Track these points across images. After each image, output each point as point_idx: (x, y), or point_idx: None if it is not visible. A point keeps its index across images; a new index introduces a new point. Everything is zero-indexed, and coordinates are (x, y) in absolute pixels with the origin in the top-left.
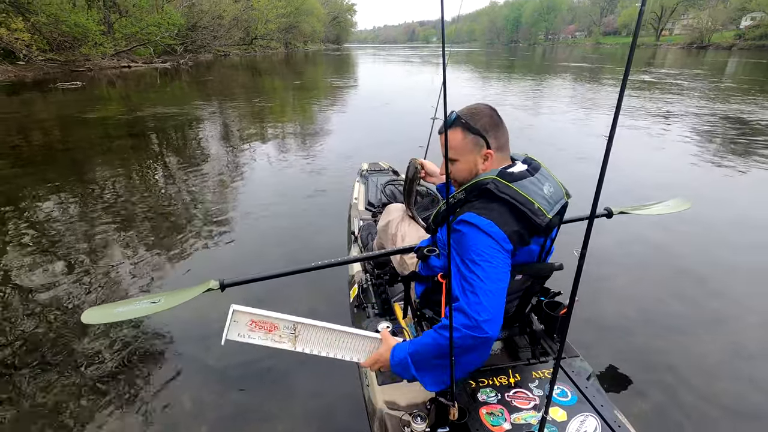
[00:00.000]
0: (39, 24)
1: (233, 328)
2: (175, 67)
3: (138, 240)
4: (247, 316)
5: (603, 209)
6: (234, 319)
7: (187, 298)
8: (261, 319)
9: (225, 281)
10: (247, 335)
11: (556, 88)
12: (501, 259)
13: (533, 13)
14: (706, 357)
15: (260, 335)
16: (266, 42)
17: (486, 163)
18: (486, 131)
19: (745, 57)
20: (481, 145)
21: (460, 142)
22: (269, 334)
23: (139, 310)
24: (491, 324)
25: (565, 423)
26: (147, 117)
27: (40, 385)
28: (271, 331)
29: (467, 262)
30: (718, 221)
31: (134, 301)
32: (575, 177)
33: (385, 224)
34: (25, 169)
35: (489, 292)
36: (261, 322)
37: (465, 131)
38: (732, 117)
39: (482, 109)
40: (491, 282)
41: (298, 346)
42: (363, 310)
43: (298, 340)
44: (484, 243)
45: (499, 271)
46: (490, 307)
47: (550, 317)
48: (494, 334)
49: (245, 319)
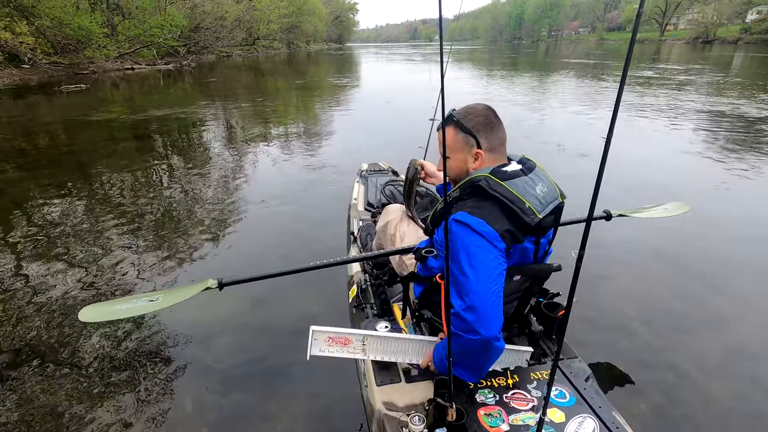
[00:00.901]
0: (43, 27)
1: (314, 345)
2: (178, 69)
3: (141, 240)
4: (324, 334)
5: (602, 211)
6: (314, 338)
7: (185, 296)
8: (336, 335)
9: (223, 280)
10: (327, 350)
11: (558, 85)
12: (493, 258)
13: (536, 9)
14: (707, 357)
15: (337, 348)
16: (269, 42)
17: (476, 162)
18: (478, 131)
19: (751, 51)
20: (471, 144)
21: (451, 139)
22: (344, 347)
23: (137, 308)
24: (484, 325)
25: (563, 424)
26: (151, 119)
27: (40, 386)
28: (346, 345)
29: (460, 263)
30: (721, 218)
31: (132, 299)
32: (576, 174)
33: (383, 225)
34: (31, 171)
35: (479, 294)
36: (336, 337)
37: (457, 129)
38: (736, 113)
39: (478, 110)
40: (481, 284)
41: (370, 355)
42: (362, 310)
43: (368, 349)
44: (474, 243)
45: (490, 272)
46: (480, 308)
47: (548, 318)
48: (489, 334)
49: (323, 337)
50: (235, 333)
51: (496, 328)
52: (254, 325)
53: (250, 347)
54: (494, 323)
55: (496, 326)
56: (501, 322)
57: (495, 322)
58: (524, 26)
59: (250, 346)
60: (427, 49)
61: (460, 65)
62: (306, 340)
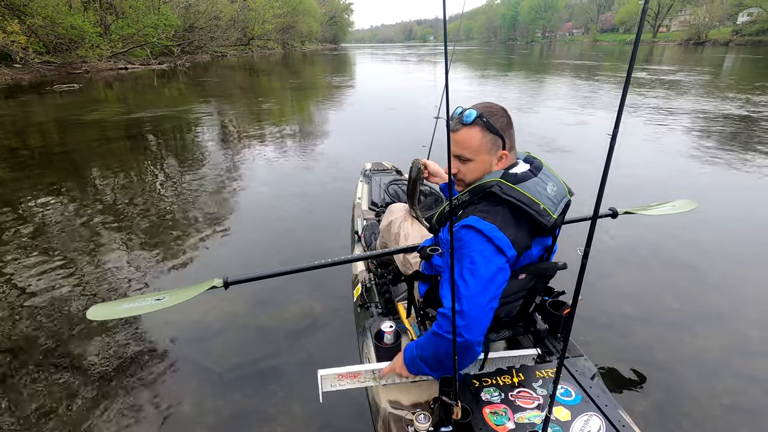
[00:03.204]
0: (35, 26)
1: (325, 383)
2: (173, 69)
3: (137, 241)
4: (333, 375)
5: (608, 209)
6: (323, 380)
7: (191, 295)
8: (345, 372)
9: (229, 279)
10: (338, 384)
11: (554, 86)
12: (496, 270)
13: (530, 10)
14: (708, 354)
15: (348, 381)
16: (263, 42)
17: (500, 164)
18: (504, 131)
19: (741, 53)
20: (498, 146)
21: (478, 141)
22: (355, 380)
23: (143, 307)
24: (470, 330)
25: (569, 422)
26: (145, 119)
27: (39, 387)
28: (356, 377)
29: (461, 268)
30: (721, 219)
31: (139, 298)
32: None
33: (387, 224)
34: (24, 171)
35: (472, 303)
36: (346, 374)
37: (485, 130)
38: (730, 113)
39: (498, 109)
40: (477, 290)
41: (381, 381)
42: (366, 309)
43: (378, 378)
44: (482, 250)
45: (489, 284)
46: (470, 314)
47: (553, 317)
48: (473, 338)
49: (332, 375)
50: (235, 333)
51: (480, 333)
52: (255, 325)
53: (252, 347)
54: (480, 329)
55: (481, 332)
56: (486, 327)
57: (481, 329)
58: (518, 27)
59: (251, 346)
60: (422, 50)
61: (455, 66)
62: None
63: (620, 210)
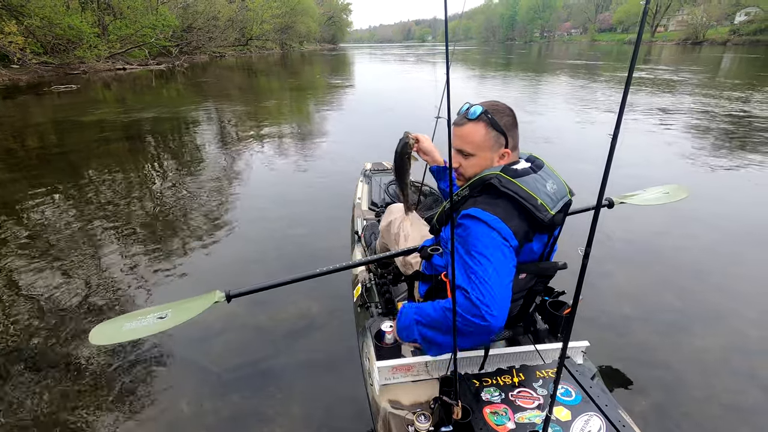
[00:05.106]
0: (33, 27)
1: (381, 376)
2: (171, 69)
3: (135, 245)
4: (387, 367)
5: (604, 200)
6: (379, 372)
7: (194, 313)
8: (399, 364)
9: (231, 292)
10: (392, 378)
11: (553, 85)
12: (506, 254)
13: (528, 10)
14: (708, 353)
15: (402, 374)
16: (262, 42)
17: (501, 161)
18: (508, 129)
19: (739, 52)
20: (501, 143)
21: (482, 137)
22: (409, 372)
23: (147, 328)
24: (495, 313)
25: (570, 422)
26: (143, 119)
27: (37, 389)
28: (410, 370)
29: (474, 254)
30: (719, 217)
31: (140, 314)
32: (575, 176)
33: (387, 224)
34: (22, 173)
35: (496, 283)
36: (399, 366)
37: (489, 127)
38: (727, 112)
39: (504, 107)
40: (497, 274)
41: (432, 373)
42: (366, 309)
43: (431, 369)
44: (490, 237)
45: (505, 265)
46: (496, 296)
47: (553, 317)
48: (496, 323)
49: (387, 368)
50: (234, 333)
51: (503, 318)
52: (254, 326)
53: (250, 348)
54: (504, 313)
55: (504, 317)
56: (507, 314)
57: (505, 312)
58: (517, 27)
59: (250, 347)
60: (420, 50)
61: (453, 66)
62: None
63: (616, 200)
